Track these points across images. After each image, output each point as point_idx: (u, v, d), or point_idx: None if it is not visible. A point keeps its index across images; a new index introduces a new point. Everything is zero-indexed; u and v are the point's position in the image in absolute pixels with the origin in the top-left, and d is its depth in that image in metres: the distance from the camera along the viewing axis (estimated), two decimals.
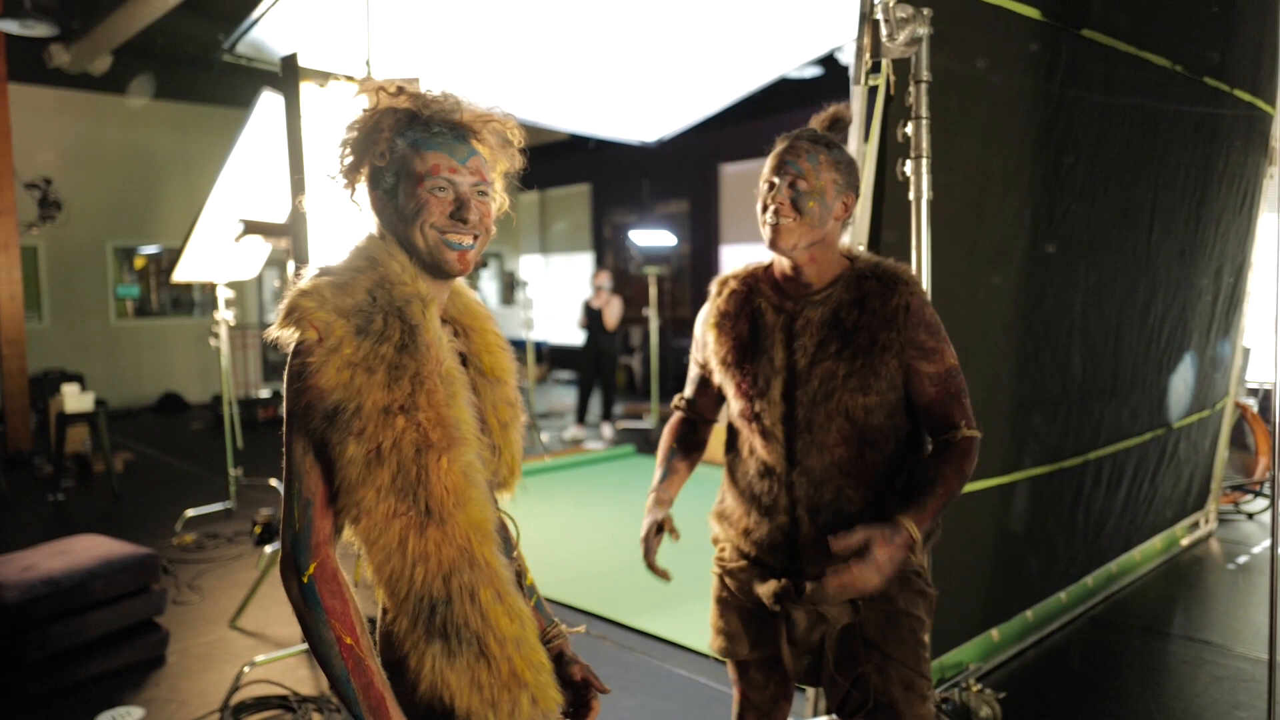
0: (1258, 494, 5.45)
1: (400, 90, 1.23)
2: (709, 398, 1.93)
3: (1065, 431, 3.46)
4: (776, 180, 1.68)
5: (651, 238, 10.85)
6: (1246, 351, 5.06)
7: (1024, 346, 3.21)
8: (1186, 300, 4.09)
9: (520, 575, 1.37)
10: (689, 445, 1.97)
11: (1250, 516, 5.28)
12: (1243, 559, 4.57)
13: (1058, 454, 3.43)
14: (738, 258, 11.38)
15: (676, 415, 2.00)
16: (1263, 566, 4.43)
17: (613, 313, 8.64)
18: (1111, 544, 4.00)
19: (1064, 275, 3.34)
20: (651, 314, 9.28)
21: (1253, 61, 4.15)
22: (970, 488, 2.90)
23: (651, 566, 1.83)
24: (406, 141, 1.20)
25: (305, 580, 1.12)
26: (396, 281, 1.18)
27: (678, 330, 11.88)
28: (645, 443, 8.17)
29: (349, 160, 1.22)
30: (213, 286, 5.54)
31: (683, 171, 11.91)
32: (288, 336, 1.13)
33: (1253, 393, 5.85)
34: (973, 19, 2.70)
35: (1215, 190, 4.08)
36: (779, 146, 1.72)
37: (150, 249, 11.03)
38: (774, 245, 1.69)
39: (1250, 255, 4.67)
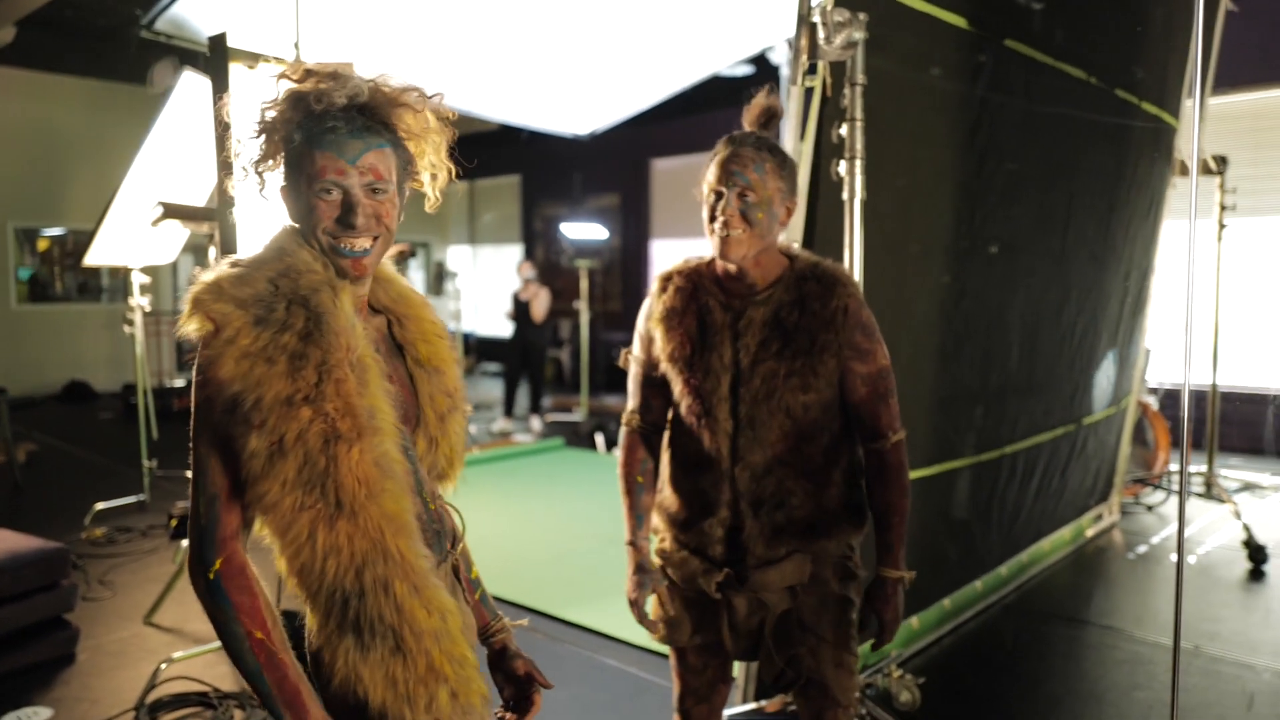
0: (1157, 487, 5.76)
1: (308, 74, 1.17)
2: (660, 399, 1.88)
3: (983, 426, 3.60)
4: (725, 191, 1.69)
5: (583, 231, 10.83)
6: (1148, 352, 5.33)
7: (945, 344, 3.32)
8: (1097, 302, 4.29)
9: (456, 569, 1.35)
10: (648, 474, 1.93)
11: (1150, 509, 5.57)
12: (1142, 549, 4.82)
13: (976, 448, 3.57)
14: (668, 252, 11.48)
15: (628, 434, 1.93)
16: (1160, 556, 4.68)
17: (540, 305, 8.58)
18: (1024, 535, 4.18)
19: (984, 275, 3.47)
20: (582, 307, 9.27)
21: (1159, 76, 4.37)
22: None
23: (643, 623, 1.87)
24: (303, 135, 1.15)
25: (211, 576, 1.10)
26: (305, 270, 1.14)
27: (608, 324, 11.90)
28: (575, 435, 8.16)
29: (256, 152, 1.18)
30: (124, 271, 5.33)
31: (614, 165, 11.92)
32: (190, 331, 1.10)
33: (1153, 391, 6.16)
34: (905, 25, 2.78)
35: (1125, 198, 4.28)
36: (723, 153, 1.71)
37: (54, 231, 10.53)
38: (724, 256, 1.71)
39: (1154, 261, 4.92)
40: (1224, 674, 3.28)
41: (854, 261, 2.47)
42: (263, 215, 2.64)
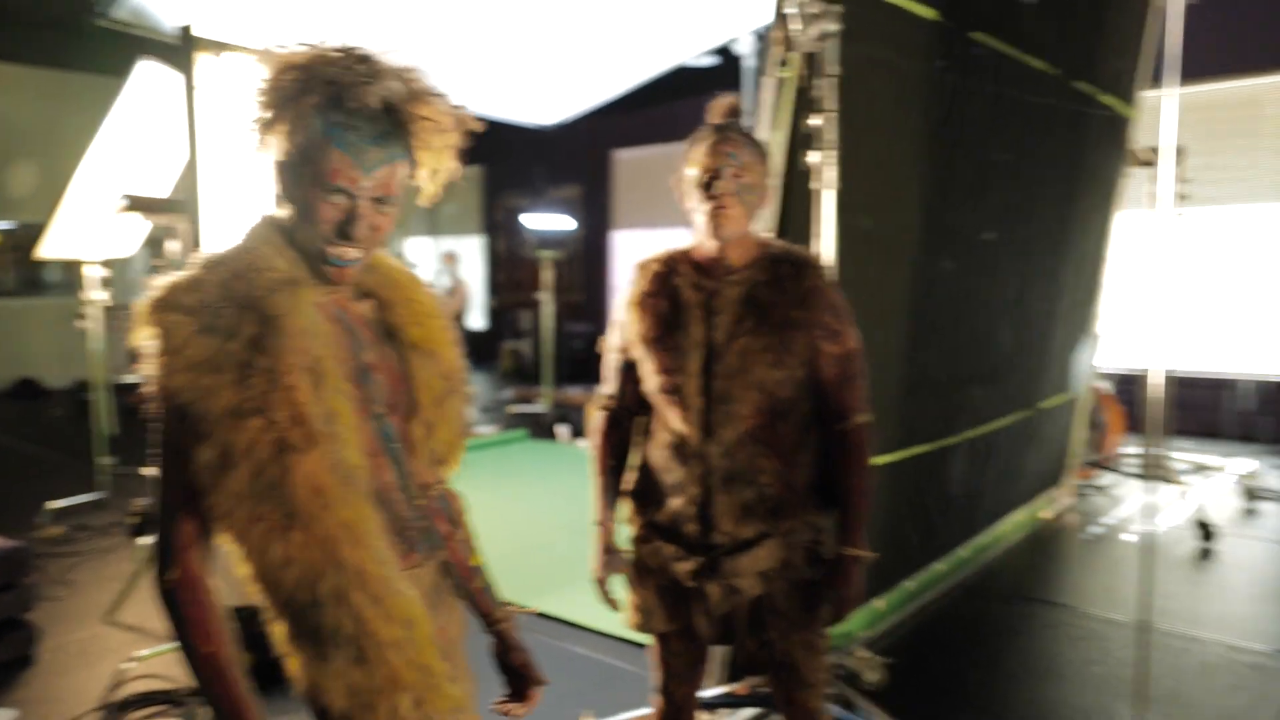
0: (1109, 470, 5.93)
1: (345, 54, 1.10)
2: (634, 383, 1.92)
3: (947, 412, 3.69)
4: (720, 171, 1.74)
5: (547, 221, 10.80)
6: (1099, 339, 5.49)
7: (914, 332, 3.39)
8: (1054, 290, 4.41)
9: (449, 564, 1.32)
10: (622, 455, 1.97)
11: (1101, 491, 5.74)
12: (1095, 529, 4.96)
13: (940, 433, 3.65)
14: (631, 243, 11.50)
15: (602, 417, 1.97)
16: (1112, 536, 4.83)
17: (455, 300, 8.62)
18: (984, 517, 4.29)
19: (951, 265, 3.55)
20: (546, 298, 9.25)
21: (1116, 68, 4.49)
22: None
23: (607, 601, 1.93)
24: (323, 124, 1.08)
25: (167, 586, 1.10)
26: (264, 267, 1.10)
27: (571, 314, 11.89)
28: (538, 427, 8.16)
29: (266, 115, 1.11)
30: (77, 265, 5.21)
31: (576, 156, 11.89)
32: (141, 341, 1.07)
33: (1104, 377, 6.34)
34: (877, 17, 2.83)
35: (1082, 188, 4.41)
36: (713, 138, 1.76)
37: (2, 224, 10.24)
38: (717, 233, 1.76)
39: (1107, 250, 5.06)
40: (1174, 647, 3.41)
41: (828, 249, 2.51)
42: (230, 206, 2.62)
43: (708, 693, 2.85)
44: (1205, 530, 4.64)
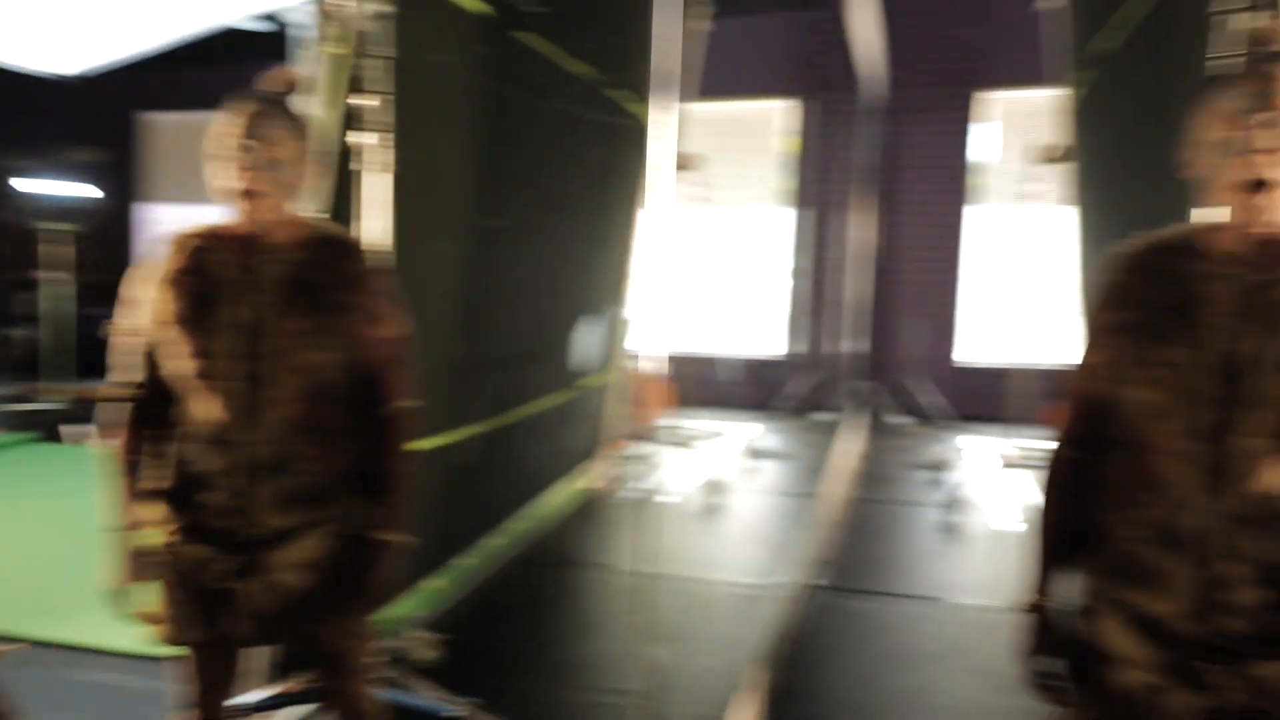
0: (642, 440, 6.73)
1: None
2: (163, 370, 1.76)
3: (499, 392, 3.91)
4: (252, 145, 1.65)
5: (56, 188, 9.25)
6: (629, 323, 6.18)
7: (466, 316, 3.54)
8: (592, 279, 4.89)
9: None
10: (147, 453, 1.79)
11: (636, 460, 6.47)
12: (626, 495, 5.59)
13: (490, 413, 3.86)
14: (162, 216, 10.31)
15: (125, 410, 1.78)
16: (644, 499, 5.49)
17: None
18: (533, 490, 4.63)
19: (501, 252, 3.77)
20: (56, 276, 7.93)
21: (642, 81, 5.09)
22: (415, 448, 3.12)
23: (134, 616, 1.77)
24: None
25: None
26: None
27: (93, 297, 10.30)
28: (47, 427, 7.01)
29: None
30: None
31: (97, 116, 10.36)
32: None
33: (635, 357, 7.15)
34: (426, 4, 2.87)
35: (612, 186, 4.93)
36: (250, 109, 1.67)
37: None
38: (251, 213, 1.68)
39: (632, 243, 5.72)
40: (686, 590, 4.00)
41: (377, 231, 2.51)
42: None
43: (257, 696, 2.71)
44: (715, 487, 5.48)
